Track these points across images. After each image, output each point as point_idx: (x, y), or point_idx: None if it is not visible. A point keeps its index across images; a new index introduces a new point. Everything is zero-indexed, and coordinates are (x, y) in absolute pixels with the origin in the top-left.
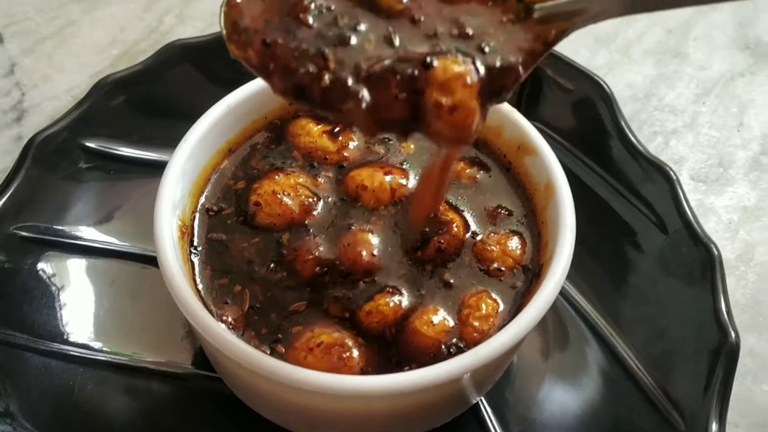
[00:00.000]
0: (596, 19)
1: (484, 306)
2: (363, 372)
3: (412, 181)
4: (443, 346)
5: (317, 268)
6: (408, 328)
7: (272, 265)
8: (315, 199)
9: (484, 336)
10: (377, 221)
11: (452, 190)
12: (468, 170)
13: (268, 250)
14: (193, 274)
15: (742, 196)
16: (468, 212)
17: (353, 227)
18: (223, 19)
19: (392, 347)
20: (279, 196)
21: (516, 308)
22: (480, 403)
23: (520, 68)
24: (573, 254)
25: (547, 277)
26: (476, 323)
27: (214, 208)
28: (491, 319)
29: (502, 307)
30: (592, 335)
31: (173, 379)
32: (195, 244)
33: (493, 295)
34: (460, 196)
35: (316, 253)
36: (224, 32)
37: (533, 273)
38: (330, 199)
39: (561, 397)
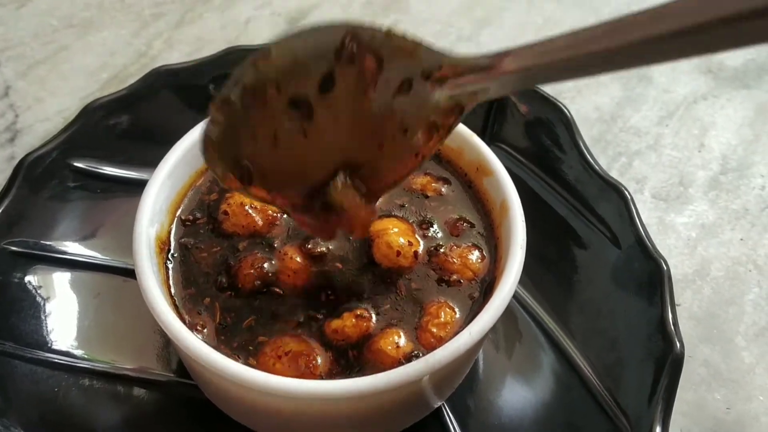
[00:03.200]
0: (494, 96)
1: (443, 314)
2: (322, 379)
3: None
4: (403, 360)
5: (257, 282)
6: (373, 347)
7: (219, 278)
8: (281, 214)
9: (441, 342)
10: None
11: (418, 201)
12: (434, 184)
13: (224, 261)
14: (169, 286)
15: (701, 214)
16: (434, 222)
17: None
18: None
19: (356, 359)
20: (246, 208)
21: (471, 317)
22: (443, 408)
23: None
24: (533, 269)
25: (497, 290)
26: (434, 329)
27: (190, 218)
28: (449, 327)
29: (458, 315)
30: (550, 345)
31: (153, 386)
32: (171, 256)
33: (451, 305)
34: (426, 207)
35: (259, 268)
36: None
37: (487, 285)
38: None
39: (519, 403)
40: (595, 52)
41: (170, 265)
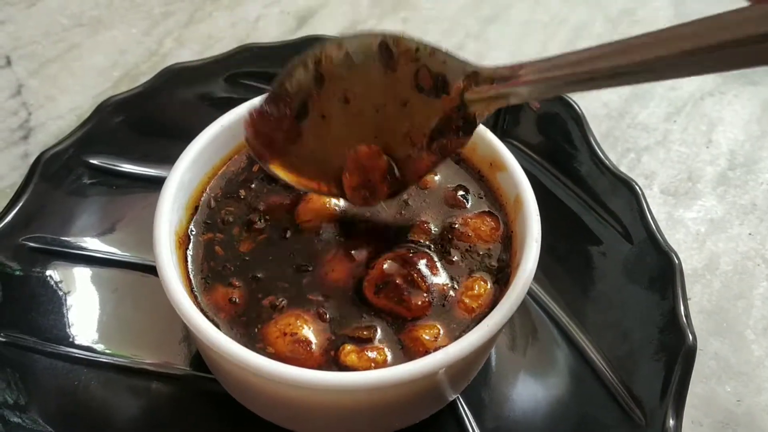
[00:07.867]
0: (513, 102)
1: (477, 287)
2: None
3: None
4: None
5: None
6: (410, 334)
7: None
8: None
9: (471, 312)
10: None
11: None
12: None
13: (256, 253)
14: (189, 280)
15: (710, 209)
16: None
17: None
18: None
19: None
20: None
21: (489, 310)
22: (458, 401)
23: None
24: (546, 263)
25: (513, 283)
26: (467, 300)
27: (208, 213)
28: (481, 299)
29: (491, 288)
30: (563, 338)
31: (171, 380)
32: (190, 250)
33: (487, 279)
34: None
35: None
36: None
37: (503, 279)
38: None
39: (533, 396)
40: (607, 67)
41: (189, 260)
